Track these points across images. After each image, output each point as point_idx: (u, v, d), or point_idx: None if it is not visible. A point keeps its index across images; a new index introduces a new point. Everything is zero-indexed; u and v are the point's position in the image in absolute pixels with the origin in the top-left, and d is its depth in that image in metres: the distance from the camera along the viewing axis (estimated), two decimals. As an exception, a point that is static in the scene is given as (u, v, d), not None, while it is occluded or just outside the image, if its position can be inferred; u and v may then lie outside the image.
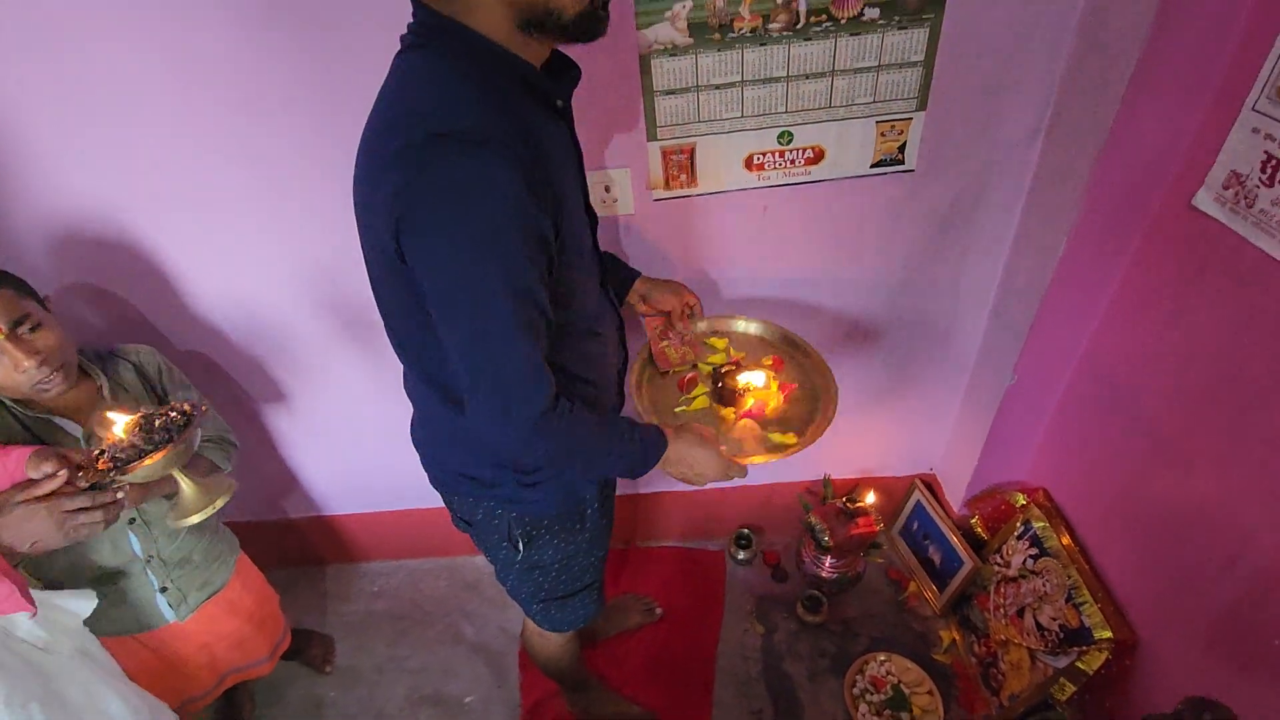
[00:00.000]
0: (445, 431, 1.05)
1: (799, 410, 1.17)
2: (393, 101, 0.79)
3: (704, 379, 1.20)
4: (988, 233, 1.38)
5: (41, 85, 1.13)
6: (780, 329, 1.30)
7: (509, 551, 1.13)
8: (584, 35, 0.77)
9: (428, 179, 0.70)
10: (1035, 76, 1.18)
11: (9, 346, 1.03)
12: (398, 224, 0.73)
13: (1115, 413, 1.33)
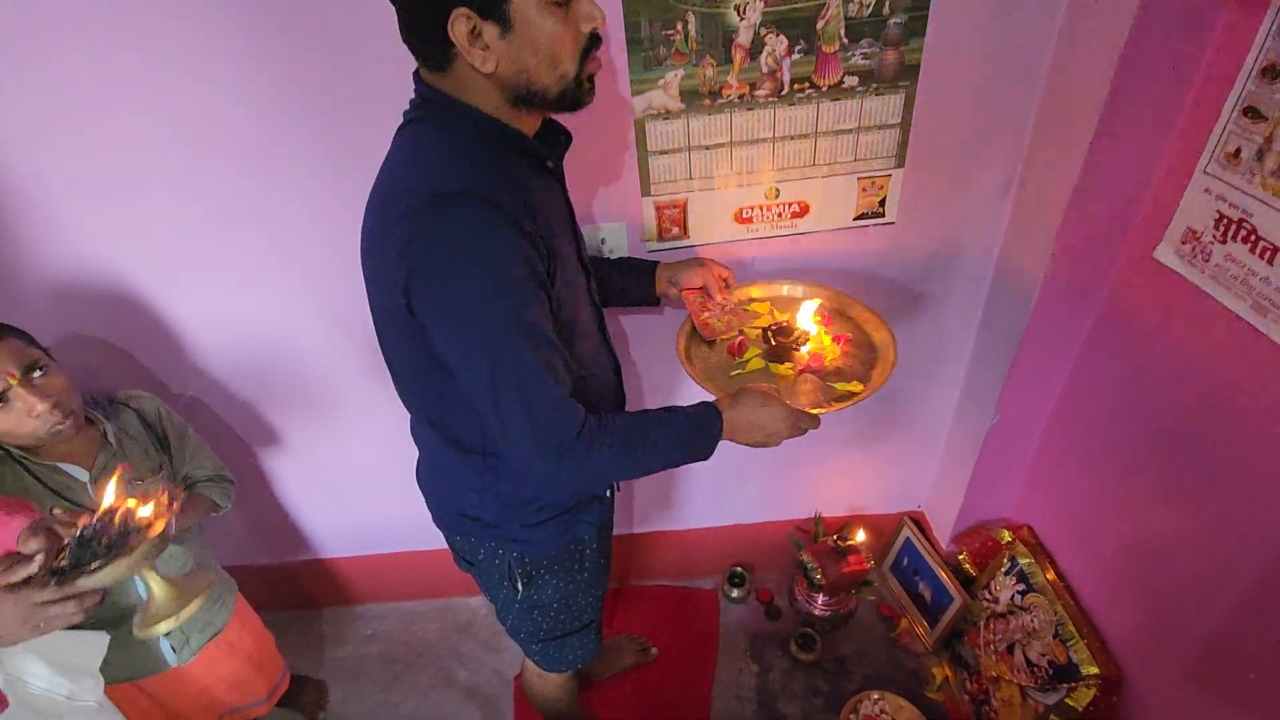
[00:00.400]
0: (449, 474, 1.08)
1: (856, 363, 1.13)
2: (397, 169, 0.85)
3: (753, 341, 1.17)
4: (966, 280, 1.45)
5: (52, 140, 1.18)
6: (823, 287, 1.26)
7: (509, 591, 1.15)
8: (570, 107, 0.84)
9: (433, 234, 0.76)
10: (1004, 137, 1.26)
11: (22, 392, 1.05)
12: (407, 279, 0.78)
13: (1093, 451, 1.38)
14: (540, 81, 0.80)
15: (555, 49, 0.78)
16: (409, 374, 0.96)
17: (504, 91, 0.81)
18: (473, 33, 0.75)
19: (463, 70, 0.80)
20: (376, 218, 0.85)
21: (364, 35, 1.09)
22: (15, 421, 1.07)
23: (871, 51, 1.15)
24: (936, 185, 1.32)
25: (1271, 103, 0.93)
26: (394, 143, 0.89)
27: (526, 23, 0.76)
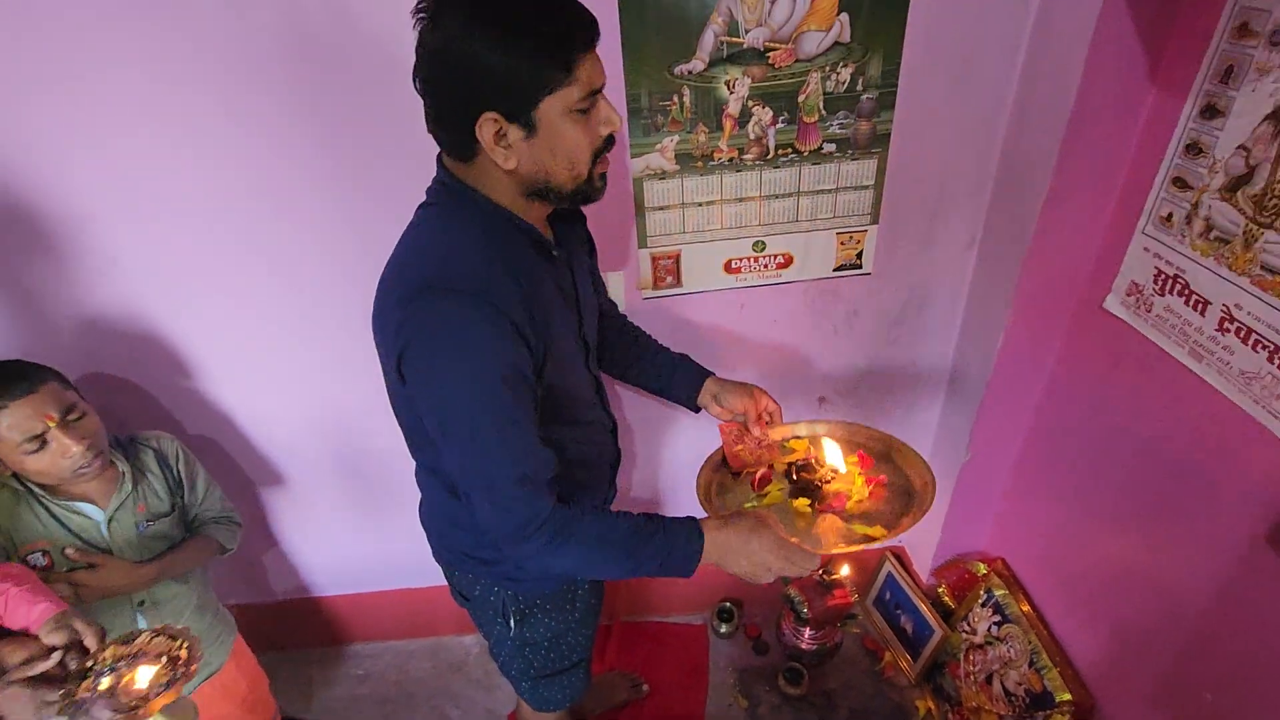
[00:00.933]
0: (448, 517, 1.13)
1: (888, 507, 1.08)
2: (407, 252, 0.92)
3: (779, 476, 1.14)
4: (937, 326, 1.57)
5: (87, 177, 1.24)
6: (866, 428, 1.22)
7: (503, 628, 1.19)
8: (581, 201, 0.90)
9: (419, 322, 0.82)
10: (967, 198, 1.39)
11: (60, 435, 1.10)
12: (399, 356, 0.86)
13: (1057, 486, 1.48)
14: (556, 179, 0.85)
15: (574, 152, 0.83)
16: (412, 429, 1.03)
17: (521, 186, 0.87)
18: (498, 134, 0.80)
19: (484, 163, 0.85)
20: (384, 293, 0.91)
21: (391, 95, 1.19)
22: (49, 463, 1.12)
23: (847, 122, 1.28)
24: (908, 241, 1.44)
25: (1195, 174, 1.06)
26: (411, 221, 0.96)
27: (550, 127, 0.80)
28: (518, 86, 0.77)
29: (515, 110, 0.79)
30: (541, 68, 0.76)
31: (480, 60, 0.75)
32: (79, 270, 1.34)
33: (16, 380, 1.10)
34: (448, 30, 0.76)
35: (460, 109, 0.80)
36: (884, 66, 1.22)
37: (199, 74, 1.15)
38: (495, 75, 0.76)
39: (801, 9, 1.16)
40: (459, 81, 0.78)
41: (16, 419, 1.09)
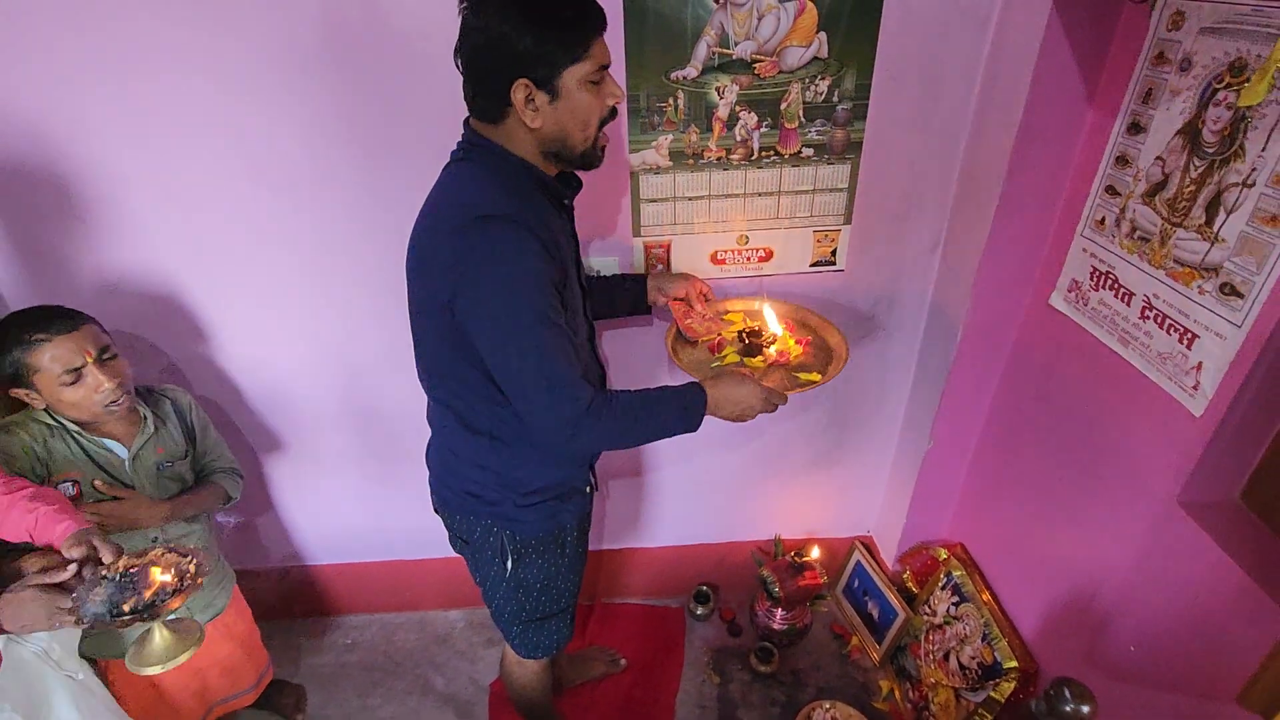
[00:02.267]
0: (457, 453, 1.24)
1: (815, 359, 1.38)
2: (448, 194, 1.07)
3: (730, 341, 1.39)
4: (905, 321, 1.70)
5: (132, 151, 1.36)
6: (787, 303, 1.51)
7: (499, 569, 1.30)
8: (585, 165, 1.10)
9: (478, 246, 0.98)
10: (932, 203, 1.54)
11: (95, 370, 1.21)
12: (454, 284, 0.99)
13: (1010, 471, 1.61)
14: (571, 139, 1.04)
15: (587, 116, 1.03)
16: (438, 363, 1.15)
17: (540, 144, 1.05)
18: (527, 98, 0.98)
19: (512, 124, 1.03)
20: (426, 233, 1.07)
21: (406, 94, 1.32)
22: (83, 395, 1.22)
23: (824, 129, 1.42)
24: (878, 240, 1.58)
25: (1123, 183, 1.21)
26: (442, 176, 1.11)
27: (569, 94, 0.99)
28: (546, 59, 0.96)
29: (543, 79, 0.97)
30: (565, 44, 0.96)
31: (516, 38, 0.93)
32: (108, 237, 1.45)
33: (61, 318, 1.21)
34: (488, 15, 0.94)
35: (497, 77, 0.97)
36: (857, 80, 1.37)
37: (231, 54, 1.27)
38: (528, 50, 0.94)
39: (785, 26, 1.31)
40: (497, 55, 0.95)
41: (59, 352, 1.19)
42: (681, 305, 1.44)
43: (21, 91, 1.28)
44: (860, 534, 2.13)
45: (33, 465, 1.24)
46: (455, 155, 1.11)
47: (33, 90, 1.28)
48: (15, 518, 1.05)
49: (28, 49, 1.24)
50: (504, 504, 1.23)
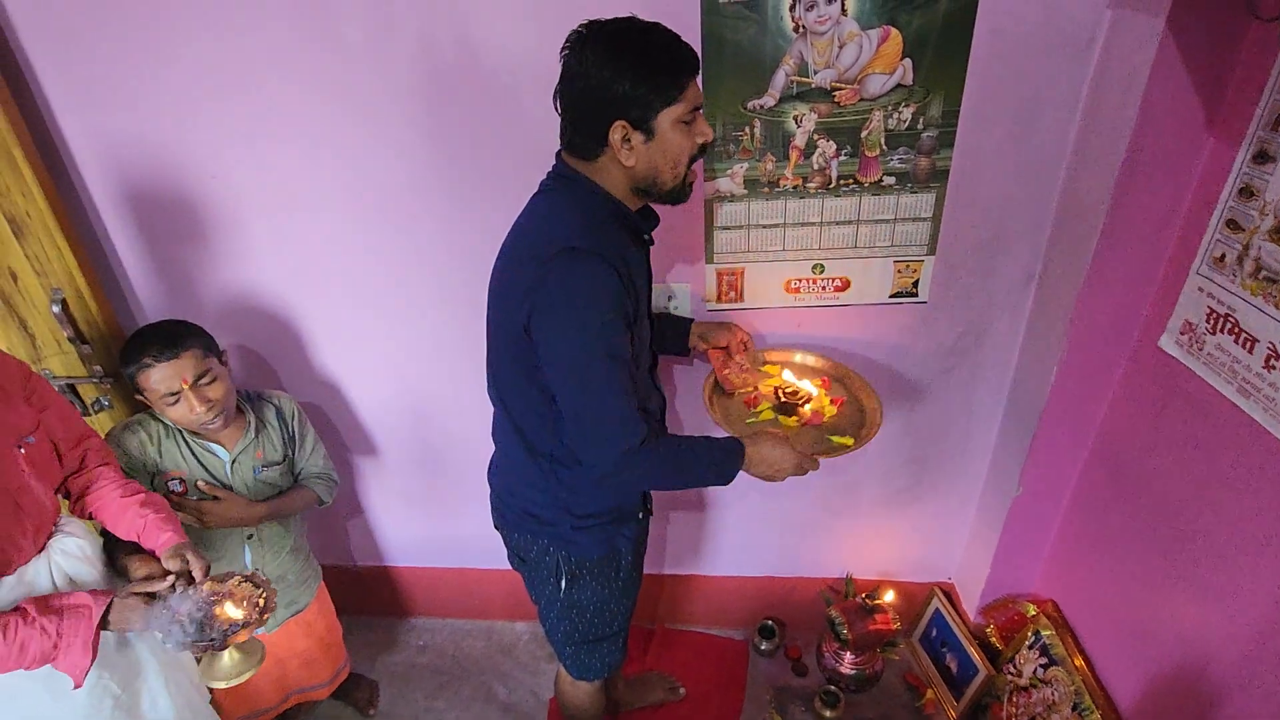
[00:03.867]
0: (518, 472, 1.28)
1: (849, 420, 1.37)
2: (535, 224, 1.13)
3: (766, 396, 1.40)
4: (992, 359, 1.61)
5: (246, 176, 1.49)
6: (826, 359, 1.51)
7: (554, 589, 1.32)
8: (674, 201, 1.13)
9: (558, 278, 1.02)
10: (1025, 235, 1.44)
11: (189, 395, 1.34)
12: (531, 309, 1.04)
13: (1110, 528, 1.47)
14: (662, 177, 1.08)
15: (679, 154, 1.06)
16: (507, 383, 1.19)
17: (632, 181, 1.09)
18: (624, 138, 1.03)
19: (606, 161, 1.07)
20: (511, 258, 1.13)
21: (492, 124, 1.39)
22: (180, 414, 1.36)
23: (907, 157, 1.37)
24: (965, 272, 1.50)
25: (1247, 217, 1.10)
26: (530, 204, 1.16)
27: (663, 135, 1.03)
28: (642, 102, 1.00)
29: (639, 120, 1.02)
30: (660, 88, 1.00)
31: (615, 82, 0.99)
32: (228, 255, 1.60)
33: (169, 344, 1.34)
34: (590, 61, 0.99)
35: (596, 119, 1.02)
36: (944, 107, 1.32)
37: (343, 91, 1.38)
38: (626, 93, 0.99)
39: (868, 54, 1.28)
40: (597, 98, 1.01)
41: (160, 377, 1.33)
42: (721, 354, 1.44)
43: (160, 125, 1.44)
44: (940, 580, 2.00)
45: (145, 461, 1.39)
46: (545, 185, 1.16)
47: (169, 124, 1.44)
48: (128, 520, 1.18)
49: (166, 87, 1.40)
50: (560, 525, 1.25)
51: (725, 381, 1.42)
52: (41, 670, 1.06)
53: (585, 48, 1.00)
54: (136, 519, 1.19)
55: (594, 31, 1.00)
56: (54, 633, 1.02)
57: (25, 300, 1.51)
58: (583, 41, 1.00)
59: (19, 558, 1.09)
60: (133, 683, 1.24)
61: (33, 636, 1.00)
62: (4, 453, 1.06)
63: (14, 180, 1.37)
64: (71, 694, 1.12)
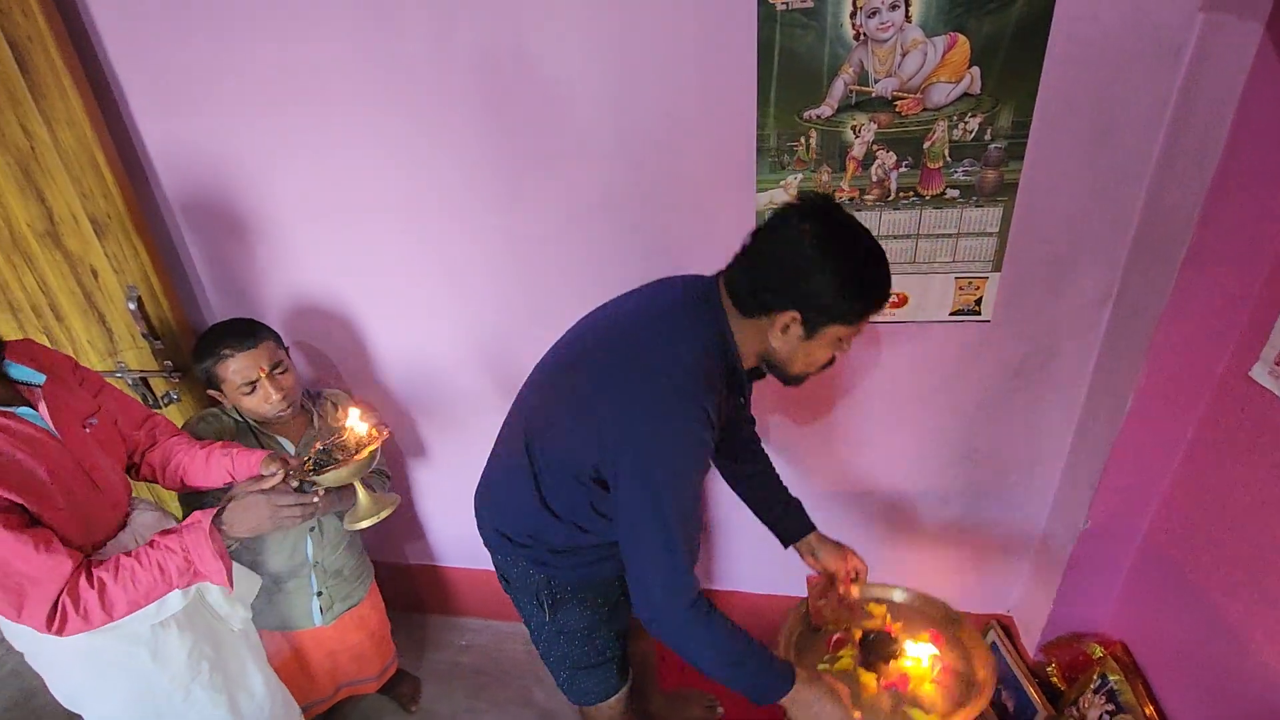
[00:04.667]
0: (519, 508, 1.21)
1: (945, 694, 1.18)
2: (650, 333, 1.07)
3: (853, 642, 1.26)
4: (1060, 384, 1.51)
5: (300, 184, 1.55)
6: (941, 604, 1.36)
7: (540, 613, 1.29)
8: (786, 384, 1.13)
9: (660, 422, 1.00)
10: (1101, 253, 1.35)
11: (267, 383, 1.39)
12: (622, 444, 1.01)
13: (1190, 569, 1.36)
14: (791, 368, 1.08)
15: (819, 360, 1.08)
16: (553, 467, 1.14)
17: (762, 353, 1.08)
18: (786, 326, 1.01)
19: (756, 324, 1.04)
20: (611, 348, 1.08)
21: (550, 127, 1.39)
22: (255, 403, 1.41)
23: (972, 170, 1.31)
24: (1033, 291, 1.42)
25: (1358, 239, 1.00)
26: (658, 294, 1.13)
27: (820, 341, 1.03)
28: (828, 312, 1.00)
29: (812, 321, 1.01)
30: (852, 312, 1.00)
31: (821, 283, 0.97)
32: (289, 256, 1.66)
33: (246, 335, 1.40)
34: (812, 243, 0.97)
35: (779, 293, 1.00)
36: (1014, 118, 1.25)
37: (402, 99, 1.41)
38: (822, 299, 0.98)
39: (932, 62, 1.23)
40: (793, 278, 0.99)
41: (239, 366, 1.38)
42: (821, 581, 1.31)
43: (229, 130, 1.50)
44: (997, 612, 1.90)
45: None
46: (683, 287, 1.11)
47: (238, 129, 1.50)
48: (215, 463, 1.26)
49: (234, 94, 1.46)
50: (535, 548, 1.22)
51: (815, 614, 1.29)
52: (145, 634, 1.14)
53: (816, 228, 0.97)
54: (222, 459, 1.27)
55: (832, 222, 0.98)
56: (179, 548, 1.09)
57: (104, 296, 1.60)
58: (818, 221, 0.98)
59: (105, 532, 1.17)
60: (223, 650, 1.31)
61: (166, 556, 1.08)
62: (74, 432, 1.13)
63: (97, 183, 1.46)
64: (172, 658, 1.21)
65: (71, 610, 1.02)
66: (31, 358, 1.14)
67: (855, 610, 1.29)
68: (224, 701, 1.31)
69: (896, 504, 1.77)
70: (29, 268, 1.59)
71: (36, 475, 1.04)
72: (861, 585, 1.32)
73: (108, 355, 1.67)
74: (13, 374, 1.09)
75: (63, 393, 1.14)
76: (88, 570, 1.05)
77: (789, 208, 1.01)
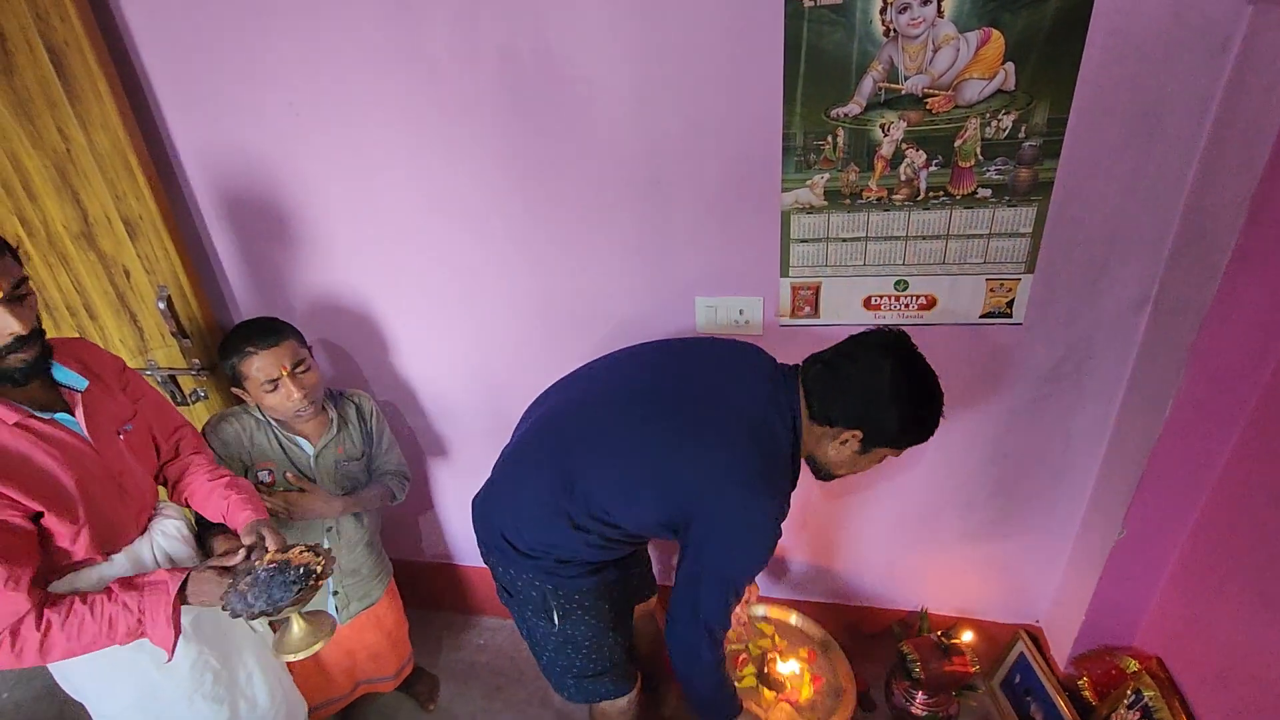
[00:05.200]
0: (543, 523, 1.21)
1: (824, 700, 1.54)
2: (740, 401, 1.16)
3: (753, 659, 1.56)
4: (1095, 389, 1.47)
5: (338, 191, 1.56)
6: (821, 630, 1.68)
7: (546, 623, 1.28)
8: (823, 480, 1.26)
9: (750, 503, 1.10)
10: (1140, 254, 1.31)
11: (288, 382, 1.40)
12: (716, 505, 1.11)
13: (1233, 583, 1.31)
14: (833, 471, 1.22)
15: (854, 469, 1.21)
16: (602, 512, 1.17)
17: (813, 456, 1.21)
18: (845, 440, 1.14)
19: (817, 429, 1.16)
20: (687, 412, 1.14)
21: (573, 130, 1.39)
22: (277, 401, 1.42)
23: (1005, 168, 1.27)
24: (1068, 292, 1.38)
25: None
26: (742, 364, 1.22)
27: (869, 457, 1.17)
28: (885, 439, 1.14)
29: (869, 443, 1.14)
30: (906, 441, 1.16)
31: (888, 415, 1.10)
32: (315, 258, 1.67)
33: (270, 334, 1.41)
34: (886, 378, 1.09)
35: (847, 412, 1.12)
36: (1050, 115, 1.21)
37: (427, 102, 1.41)
38: (886, 427, 1.11)
39: (965, 57, 1.20)
40: (864, 404, 1.11)
41: (263, 363, 1.39)
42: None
43: (257, 133, 1.52)
44: (1027, 622, 1.86)
45: (239, 452, 1.46)
46: (771, 368, 1.22)
47: (266, 132, 1.51)
48: (215, 501, 1.24)
49: (261, 97, 1.47)
50: (543, 559, 1.22)
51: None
52: (148, 645, 1.13)
53: (895, 367, 1.09)
54: (221, 500, 1.25)
55: (908, 362, 1.11)
56: (136, 608, 1.08)
57: (136, 295, 1.62)
58: (898, 360, 1.10)
59: (126, 537, 1.17)
60: (230, 658, 1.31)
61: (119, 613, 1.06)
62: (108, 439, 1.14)
63: (130, 185, 1.48)
64: (175, 667, 1.20)
65: (6, 647, 1.00)
66: (79, 360, 1.15)
67: (750, 629, 1.58)
68: (225, 713, 1.30)
69: (923, 510, 1.74)
70: (65, 268, 1.62)
71: (62, 484, 1.04)
72: (752, 601, 1.62)
73: (139, 354, 1.70)
74: (58, 377, 1.10)
75: (103, 398, 1.15)
76: (39, 611, 1.02)
77: (872, 338, 1.13)
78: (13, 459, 1.00)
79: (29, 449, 1.02)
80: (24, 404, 1.03)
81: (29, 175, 1.50)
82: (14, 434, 1.01)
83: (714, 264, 1.48)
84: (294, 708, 1.49)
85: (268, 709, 1.39)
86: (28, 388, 1.04)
